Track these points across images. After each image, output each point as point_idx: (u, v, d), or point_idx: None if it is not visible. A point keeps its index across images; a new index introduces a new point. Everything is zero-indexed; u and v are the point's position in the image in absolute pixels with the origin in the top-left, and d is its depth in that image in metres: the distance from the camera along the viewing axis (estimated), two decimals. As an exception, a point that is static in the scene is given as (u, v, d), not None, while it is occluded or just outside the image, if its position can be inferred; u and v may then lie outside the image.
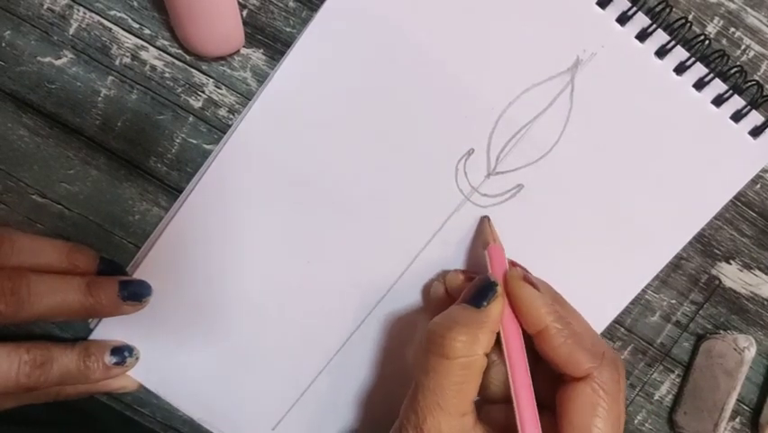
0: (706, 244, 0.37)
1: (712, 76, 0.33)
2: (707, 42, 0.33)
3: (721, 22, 0.34)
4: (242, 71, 0.34)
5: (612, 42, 0.33)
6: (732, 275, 0.37)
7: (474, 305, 0.30)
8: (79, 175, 0.35)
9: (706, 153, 0.34)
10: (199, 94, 0.34)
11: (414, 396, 0.30)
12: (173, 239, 0.35)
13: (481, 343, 0.29)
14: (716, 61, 0.33)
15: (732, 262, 0.37)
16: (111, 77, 0.34)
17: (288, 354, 0.37)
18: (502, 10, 0.32)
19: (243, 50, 0.34)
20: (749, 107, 0.33)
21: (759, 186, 0.36)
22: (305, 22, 0.33)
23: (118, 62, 0.34)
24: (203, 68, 0.34)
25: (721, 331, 0.37)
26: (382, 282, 0.36)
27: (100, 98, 0.34)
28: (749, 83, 0.33)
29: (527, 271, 0.33)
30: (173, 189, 0.36)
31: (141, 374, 0.37)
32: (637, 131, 0.34)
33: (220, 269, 0.36)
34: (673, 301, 0.38)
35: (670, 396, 0.39)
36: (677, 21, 0.32)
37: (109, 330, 0.37)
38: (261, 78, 0.34)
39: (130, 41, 0.34)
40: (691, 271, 0.37)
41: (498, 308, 0.30)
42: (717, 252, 0.37)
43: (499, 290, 0.30)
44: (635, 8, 0.32)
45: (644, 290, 0.37)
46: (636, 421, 0.40)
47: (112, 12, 0.33)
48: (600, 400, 0.29)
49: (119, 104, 0.34)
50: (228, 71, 0.34)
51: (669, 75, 0.33)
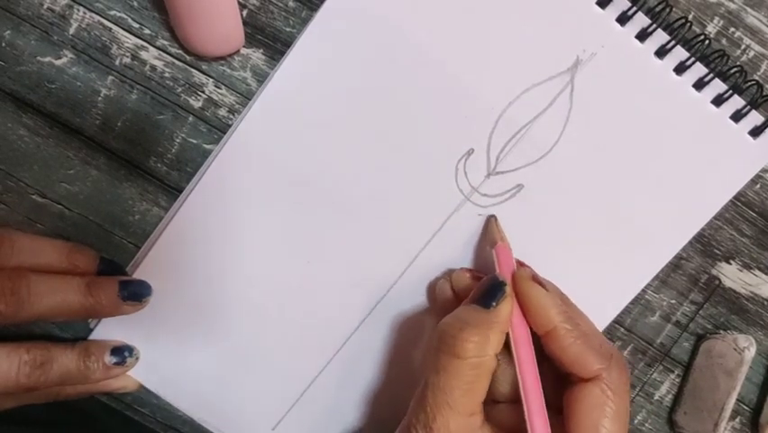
0: (706, 244, 0.37)
1: (712, 76, 0.33)
2: (707, 42, 0.33)
3: (721, 22, 0.34)
4: (242, 71, 0.34)
5: (612, 42, 0.33)
6: (732, 275, 0.37)
7: (483, 305, 0.30)
8: (79, 175, 0.35)
9: (706, 153, 0.34)
10: (199, 94, 0.34)
11: (423, 395, 0.30)
12: (173, 239, 0.35)
13: (492, 343, 0.29)
14: (716, 61, 0.33)
15: (732, 262, 0.37)
16: (111, 77, 0.34)
17: (288, 354, 0.37)
18: (502, 10, 0.32)
19: (243, 50, 0.34)
20: (749, 107, 0.33)
21: (759, 186, 0.36)
22: (305, 22, 0.33)
23: (118, 62, 0.34)
24: (203, 68, 0.34)
25: (721, 331, 0.37)
26: (382, 282, 0.36)
27: (100, 98, 0.34)
28: (749, 83, 0.33)
29: (535, 272, 0.33)
30: (173, 189, 0.36)
31: (141, 374, 0.37)
32: (637, 131, 0.34)
33: (220, 269, 0.36)
34: (673, 301, 0.38)
35: (670, 396, 0.39)
36: (677, 21, 0.32)
37: (109, 330, 0.37)
38: (261, 78, 0.34)
39: (130, 41, 0.34)
40: (691, 271, 0.37)
41: (508, 309, 0.30)
42: (717, 252, 0.37)
43: (508, 290, 0.30)
44: (635, 8, 0.32)
45: (644, 290, 0.37)
46: (636, 421, 0.40)
47: (112, 12, 0.33)
48: (609, 401, 0.29)
49: (119, 104, 0.34)
50: (228, 71, 0.34)
51: (669, 75, 0.33)
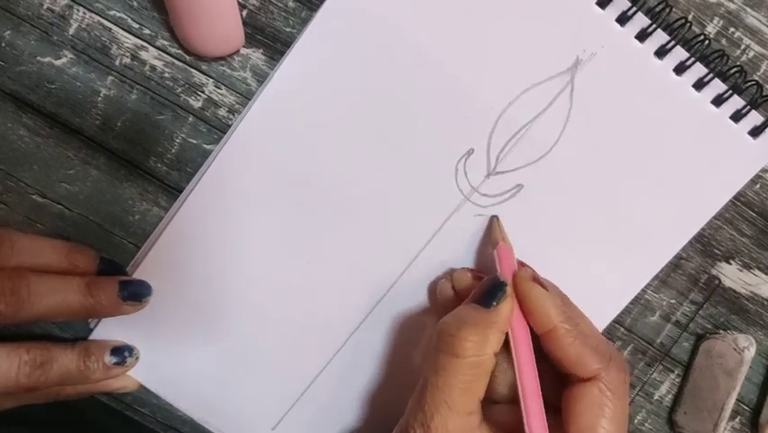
0: (706, 244, 0.37)
1: (712, 76, 0.33)
2: (706, 42, 0.33)
3: (721, 22, 0.34)
4: (241, 71, 0.34)
5: (612, 42, 0.33)
6: (732, 275, 0.37)
7: (484, 305, 0.30)
8: (79, 175, 0.35)
9: (706, 153, 0.34)
10: (199, 94, 0.34)
11: (421, 394, 0.30)
12: (173, 239, 0.35)
13: (491, 343, 0.29)
14: (715, 61, 0.33)
15: (732, 261, 0.37)
16: (111, 77, 0.34)
17: (288, 354, 0.37)
18: (502, 10, 0.32)
19: (243, 50, 0.34)
20: (749, 107, 0.33)
21: (759, 186, 0.36)
22: (304, 22, 0.33)
23: (118, 62, 0.34)
24: (203, 68, 0.34)
25: (721, 331, 0.37)
26: (382, 282, 0.36)
27: (100, 98, 0.34)
28: (749, 83, 0.33)
29: (536, 272, 0.33)
30: (173, 189, 0.36)
31: (141, 374, 0.37)
32: (637, 131, 0.34)
33: (220, 269, 0.36)
34: (673, 301, 0.38)
35: (669, 396, 0.39)
36: (677, 21, 0.32)
37: (109, 330, 0.37)
38: (261, 78, 0.34)
39: (130, 41, 0.34)
40: (691, 271, 0.37)
41: (508, 309, 0.30)
42: (717, 252, 0.37)
43: (508, 290, 0.30)
44: (634, 8, 0.32)
45: (643, 290, 0.37)
46: (636, 421, 0.40)
47: (112, 12, 0.33)
48: (607, 401, 0.29)
49: (119, 104, 0.34)
50: (228, 71, 0.34)
51: (669, 75, 0.33)
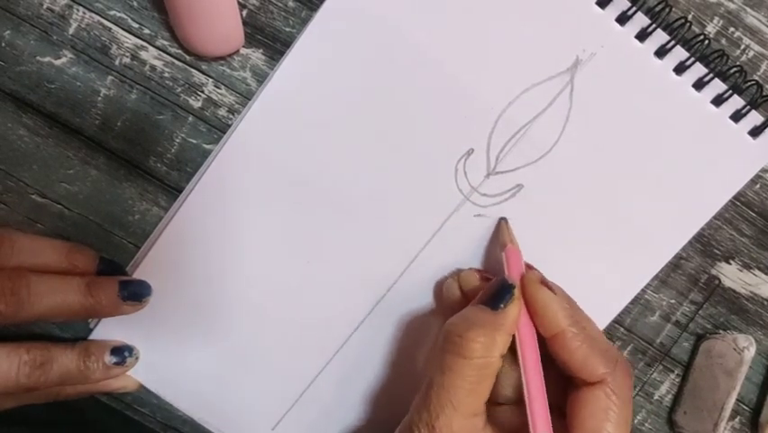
0: (705, 244, 0.37)
1: (712, 76, 0.33)
2: (706, 42, 0.33)
3: (721, 22, 0.34)
4: (241, 71, 0.34)
5: (612, 42, 0.33)
6: (732, 275, 0.37)
7: (491, 307, 0.30)
8: (79, 175, 0.35)
9: (705, 153, 0.34)
10: (199, 94, 0.34)
11: (427, 394, 0.30)
12: (173, 239, 0.35)
13: (498, 345, 0.29)
14: (715, 61, 0.33)
15: (732, 261, 0.37)
16: (111, 77, 0.34)
17: (288, 354, 0.37)
18: (502, 10, 0.32)
19: (243, 50, 0.34)
20: (749, 107, 0.33)
21: (759, 186, 0.36)
22: (304, 22, 0.33)
23: (118, 62, 0.34)
24: (203, 68, 0.34)
25: (721, 331, 0.37)
26: (382, 282, 0.36)
27: (100, 98, 0.34)
28: (749, 83, 0.33)
29: (543, 275, 0.33)
30: (173, 189, 0.36)
31: (141, 374, 0.37)
32: (637, 131, 0.34)
33: (220, 269, 0.36)
34: (673, 301, 0.38)
35: (669, 396, 0.39)
36: (677, 21, 0.32)
37: (109, 330, 0.37)
38: (261, 78, 0.34)
39: (129, 40, 0.34)
40: (691, 271, 0.37)
41: (515, 311, 0.30)
42: (717, 252, 0.37)
43: (516, 292, 0.30)
44: (634, 8, 0.32)
45: (643, 290, 0.37)
46: (636, 421, 0.40)
47: (111, 12, 0.33)
48: (613, 406, 0.29)
49: (119, 104, 0.34)
50: (228, 71, 0.34)
51: (668, 75, 0.33)
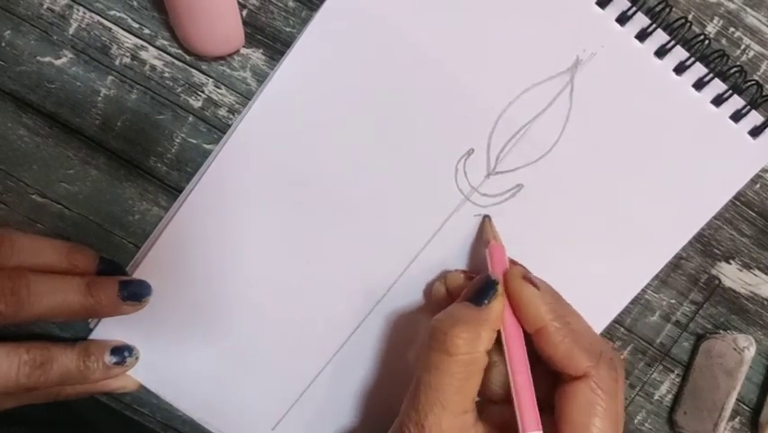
0: (705, 244, 0.37)
1: (712, 76, 0.33)
2: (706, 42, 0.33)
3: (721, 22, 0.34)
4: (241, 71, 0.34)
5: (612, 42, 0.33)
6: (732, 275, 0.37)
7: (475, 303, 0.30)
8: (79, 175, 0.35)
9: (705, 153, 0.34)
10: (199, 94, 0.34)
11: (415, 393, 0.30)
12: (173, 239, 0.35)
13: (483, 340, 0.29)
14: (715, 61, 0.33)
15: (732, 261, 0.37)
16: (111, 76, 0.34)
17: (288, 354, 0.37)
18: (502, 10, 0.32)
19: (243, 50, 0.34)
20: (749, 107, 0.33)
21: (759, 186, 0.36)
22: (304, 22, 0.33)
23: (118, 62, 0.34)
24: (203, 68, 0.34)
25: (721, 331, 0.37)
26: (382, 282, 0.36)
27: (100, 98, 0.34)
28: (749, 83, 0.33)
29: (527, 270, 0.33)
30: (173, 189, 0.36)
31: (141, 374, 0.37)
32: (637, 131, 0.34)
33: (220, 269, 0.36)
34: (673, 301, 0.38)
35: (669, 396, 0.39)
36: (677, 21, 0.32)
37: (109, 330, 0.37)
38: (261, 78, 0.34)
39: (130, 40, 0.34)
40: (691, 271, 0.37)
41: (499, 307, 0.30)
42: (717, 251, 0.37)
43: (500, 288, 0.31)
44: (634, 8, 0.32)
45: (643, 290, 0.37)
46: (636, 421, 0.40)
47: (112, 12, 0.33)
48: (599, 399, 0.29)
49: (119, 104, 0.34)
50: (228, 71, 0.34)
51: (668, 75, 0.33)
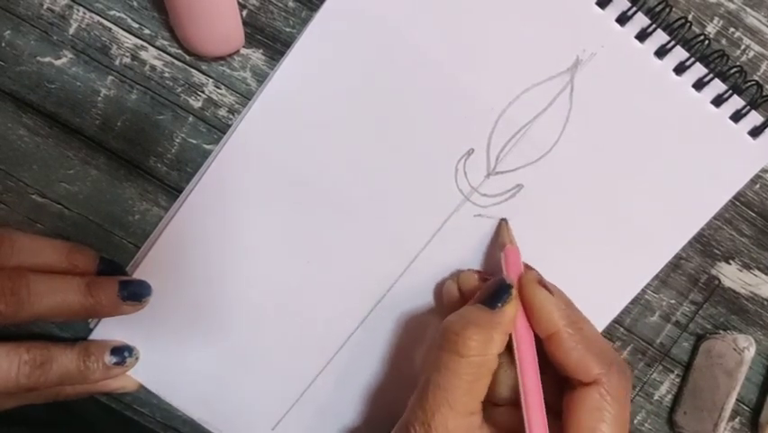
0: (705, 244, 0.37)
1: (712, 76, 0.33)
2: (706, 42, 0.33)
3: (721, 22, 0.34)
4: (241, 71, 0.34)
5: (612, 42, 0.33)
6: (731, 275, 0.37)
7: (489, 306, 0.30)
8: (79, 175, 0.35)
9: (705, 153, 0.34)
10: (199, 94, 0.34)
11: (423, 392, 0.30)
12: (173, 239, 0.35)
13: (495, 343, 0.29)
14: (715, 61, 0.33)
15: (731, 262, 0.37)
16: (111, 77, 0.34)
17: (288, 354, 0.37)
18: (502, 10, 0.32)
19: (243, 50, 0.34)
20: (748, 107, 0.33)
21: (758, 186, 0.36)
22: (304, 22, 0.33)
23: (118, 62, 0.34)
24: (203, 68, 0.34)
25: (721, 331, 0.37)
26: (382, 282, 0.36)
27: (100, 98, 0.34)
28: (749, 83, 0.33)
29: (541, 275, 0.33)
30: (173, 189, 0.36)
31: (141, 374, 0.37)
32: (637, 131, 0.34)
33: (220, 269, 0.36)
34: (673, 301, 0.38)
35: (669, 396, 0.39)
36: (677, 21, 0.32)
37: (109, 330, 0.37)
38: (261, 78, 0.34)
39: (130, 41, 0.34)
40: (691, 271, 0.37)
41: (513, 311, 0.30)
42: (717, 252, 0.37)
43: (514, 292, 0.30)
44: (634, 8, 0.32)
45: (643, 290, 0.37)
46: (636, 421, 0.40)
47: (112, 12, 0.33)
48: (608, 406, 0.29)
49: (119, 104, 0.34)
50: (228, 71, 0.34)
51: (668, 75, 0.33)
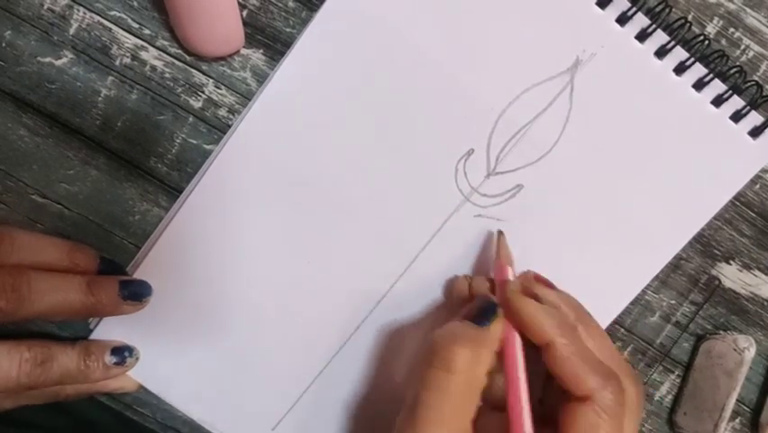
0: (705, 245, 0.37)
1: (712, 76, 0.33)
2: (706, 43, 0.33)
3: (721, 22, 0.34)
4: (242, 71, 0.34)
5: (612, 43, 0.33)
6: (732, 275, 0.37)
7: (477, 323, 0.30)
8: (79, 175, 0.35)
9: (705, 153, 0.34)
10: (199, 94, 0.34)
11: (412, 410, 0.29)
12: (173, 239, 0.35)
13: (483, 361, 0.29)
14: (715, 62, 0.33)
15: (732, 262, 0.37)
16: (111, 77, 0.34)
17: (288, 354, 0.37)
18: (502, 10, 0.32)
19: (243, 51, 0.34)
20: (748, 108, 0.33)
21: (758, 186, 0.36)
22: (304, 22, 0.33)
23: (118, 62, 0.34)
24: (203, 68, 0.34)
25: (721, 331, 0.37)
26: (382, 282, 0.36)
27: (100, 98, 0.34)
28: (749, 83, 0.33)
29: (545, 282, 0.33)
30: (173, 190, 0.36)
31: (140, 374, 0.37)
32: (637, 131, 0.34)
33: (220, 269, 0.36)
34: (673, 302, 0.38)
35: (670, 396, 0.39)
36: (676, 21, 0.32)
37: (109, 330, 0.37)
38: (261, 79, 0.34)
39: (130, 41, 0.34)
40: (691, 272, 0.37)
41: (499, 328, 0.30)
42: (717, 252, 0.37)
43: (500, 312, 0.30)
44: (634, 8, 0.32)
45: (643, 291, 0.37)
46: (636, 422, 0.40)
47: (112, 12, 0.33)
48: (602, 423, 0.28)
49: (119, 104, 0.34)
50: (228, 71, 0.34)
51: (668, 75, 0.33)
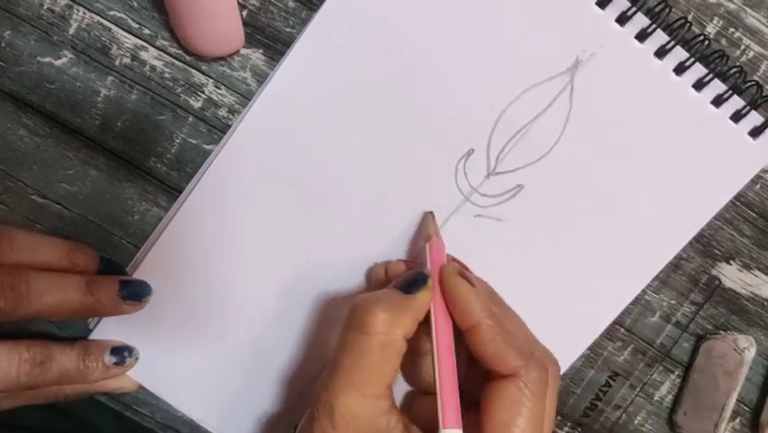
0: (706, 245, 0.36)
1: (712, 76, 0.33)
2: (706, 43, 0.33)
3: (721, 22, 0.34)
4: (241, 71, 0.34)
5: (612, 43, 0.33)
6: (732, 275, 0.37)
7: (403, 291, 0.30)
8: (79, 175, 0.35)
9: (706, 153, 0.34)
10: (199, 94, 0.34)
11: (329, 373, 0.29)
12: (173, 239, 0.35)
13: (402, 325, 0.29)
14: (715, 62, 0.33)
15: (732, 262, 0.37)
16: (111, 77, 0.34)
17: (288, 354, 0.37)
18: (501, 10, 0.32)
19: (243, 51, 0.34)
20: (749, 108, 0.33)
21: (759, 186, 0.36)
22: (304, 22, 0.33)
23: (118, 62, 0.34)
24: (203, 68, 0.34)
25: (721, 331, 0.37)
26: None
27: (100, 98, 0.34)
28: (749, 83, 0.33)
29: (466, 268, 0.33)
30: (173, 190, 0.36)
31: (140, 374, 0.37)
32: (637, 131, 0.34)
33: (219, 269, 0.36)
34: (673, 302, 0.37)
35: (670, 396, 0.39)
36: (676, 21, 0.32)
37: (109, 330, 0.37)
38: (261, 79, 0.34)
39: (130, 41, 0.34)
40: (691, 272, 0.37)
41: (425, 298, 0.30)
42: (717, 252, 0.37)
43: (429, 282, 0.30)
44: (634, 8, 0.32)
45: (644, 291, 0.37)
46: (636, 422, 0.40)
47: (112, 12, 0.33)
48: (525, 399, 0.28)
49: (119, 104, 0.34)
50: (228, 71, 0.34)
51: (668, 75, 0.33)
